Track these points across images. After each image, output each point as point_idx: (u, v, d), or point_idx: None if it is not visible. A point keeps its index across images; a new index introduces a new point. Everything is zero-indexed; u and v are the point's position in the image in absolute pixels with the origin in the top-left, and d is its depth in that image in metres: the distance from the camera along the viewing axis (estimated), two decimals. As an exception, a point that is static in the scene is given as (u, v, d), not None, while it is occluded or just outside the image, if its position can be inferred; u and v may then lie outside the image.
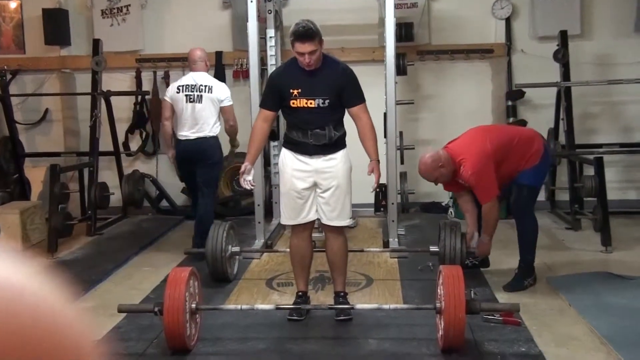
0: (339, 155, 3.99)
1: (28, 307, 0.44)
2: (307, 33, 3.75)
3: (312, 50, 3.77)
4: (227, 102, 5.49)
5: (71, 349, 0.46)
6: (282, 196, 4.13)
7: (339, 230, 4.11)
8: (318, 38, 3.79)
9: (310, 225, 4.15)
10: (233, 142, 5.81)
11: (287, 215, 4.12)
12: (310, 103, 3.88)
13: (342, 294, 4.19)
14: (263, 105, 4.10)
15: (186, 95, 5.44)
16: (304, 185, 3.99)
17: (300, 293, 4.25)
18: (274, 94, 3.99)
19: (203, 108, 5.41)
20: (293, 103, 3.90)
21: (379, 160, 4.03)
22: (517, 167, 4.54)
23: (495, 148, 4.46)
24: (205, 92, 5.44)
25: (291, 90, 3.89)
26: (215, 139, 5.49)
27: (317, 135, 3.92)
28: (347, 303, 4.13)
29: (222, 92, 5.49)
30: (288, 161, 4.03)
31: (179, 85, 5.51)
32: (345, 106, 3.99)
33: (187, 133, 5.45)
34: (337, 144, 3.98)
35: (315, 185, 4.00)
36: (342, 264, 4.16)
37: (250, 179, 4.06)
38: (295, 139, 3.98)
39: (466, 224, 4.79)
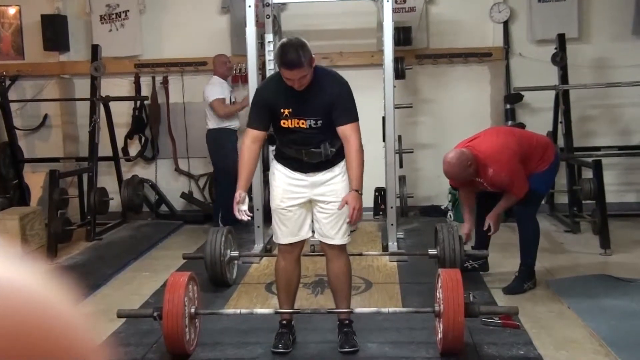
0: (338, 167, 3.60)
1: (31, 308, 0.45)
2: (295, 62, 3.29)
3: (301, 76, 3.36)
4: (209, 99, 6.64)
5: (75, 350, 0.47)
6: (274, 213, 3.71)
7: (341, 249, 3.69)
8: (307, 61, 3.32)
9: (300, 245, 3.75)
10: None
11: (282, 233, 3.69)
12: (302, 123, 3.48)
13: (346, 322, 3.75)
14: (251, 125, 3.58)
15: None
16: (296, 202, 3.61)
17: (284, 322, 3.80)
18: (264, 112, 3.54)
19: (205, 106, 6.76)
20: (284, 123, 3.50)
21: (359, 192, 3.46)
22: (531, 169, 4.52)
23: (520, 149, 4.46)
24: (204, 94, 6.76)
25: (282, 110, 3.47)
26: (212, 131, 6.69)
27: (312, 154, 3.54)
28: (354, 334, 3.72)
29: (206, 92, 6.71)
30: (280, 175, 3.65)
31: None
32: (334, 123, 3.48)
33: None
34: (334, 157, 3.58)
35: (309, 202, 3.63)
36: (345, 286, 3.73)
37: (245, 208, 3.56)
38: (288, 155, 3.61)
39: (465, 218, 4.77)
